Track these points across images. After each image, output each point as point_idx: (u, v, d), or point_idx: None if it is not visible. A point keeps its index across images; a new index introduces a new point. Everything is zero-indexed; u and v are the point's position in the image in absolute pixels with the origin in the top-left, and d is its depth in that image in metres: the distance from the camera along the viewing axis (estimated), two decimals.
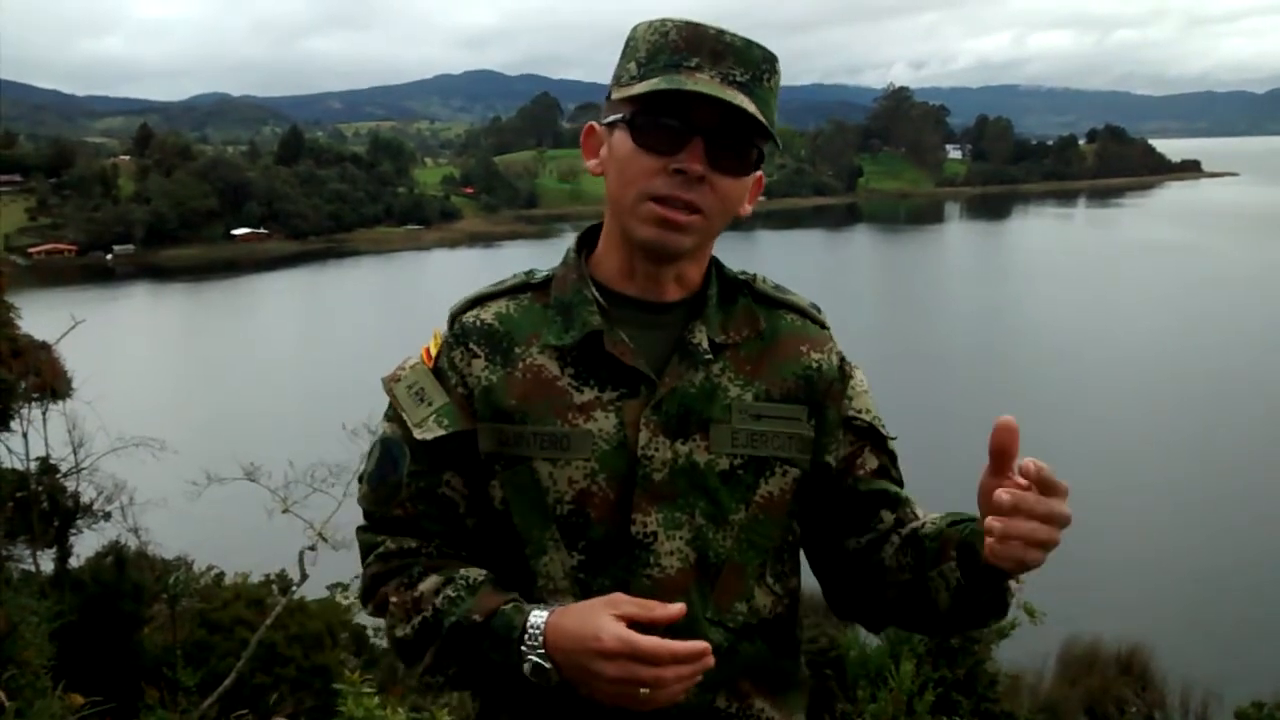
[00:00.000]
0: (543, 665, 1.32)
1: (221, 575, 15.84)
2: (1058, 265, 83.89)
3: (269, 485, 12.38)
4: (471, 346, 1.49)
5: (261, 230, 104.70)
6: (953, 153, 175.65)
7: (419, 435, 1.46)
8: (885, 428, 1.58)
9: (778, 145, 1.45)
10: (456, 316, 1.53)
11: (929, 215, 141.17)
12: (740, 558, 1.46)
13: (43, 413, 12.62)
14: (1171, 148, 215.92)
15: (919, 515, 1.53)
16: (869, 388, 1.59)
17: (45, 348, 12.71)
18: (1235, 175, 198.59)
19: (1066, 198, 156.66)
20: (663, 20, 1.42)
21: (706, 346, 1.46)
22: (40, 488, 12.89)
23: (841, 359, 1.57)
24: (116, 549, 13.04)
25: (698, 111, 1.37)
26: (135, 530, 13.68)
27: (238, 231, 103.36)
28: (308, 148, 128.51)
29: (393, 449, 1.49)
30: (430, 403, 1.48)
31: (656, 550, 1.41)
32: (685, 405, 1.44)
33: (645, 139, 1.39)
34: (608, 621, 1.29)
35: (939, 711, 4.93)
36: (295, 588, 12.68)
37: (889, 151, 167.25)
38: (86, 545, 13.53)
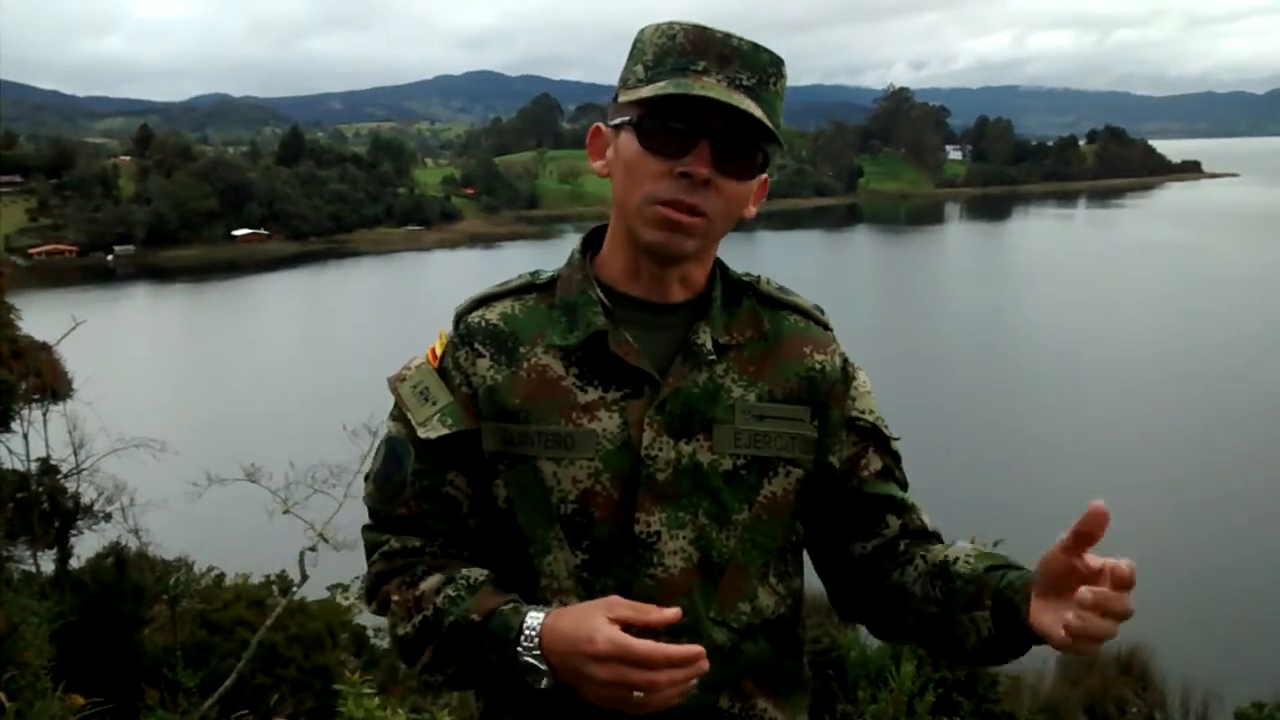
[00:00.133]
0: (538, 667, 1.32)
1: (222, 576, 15.87)
2: (1058, 266, 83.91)
3: (269, 486, 12.37)
4: (476, 346, 1.49)
5: (262, 231, 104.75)
6: (953, 153, 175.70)
7: (423, 434, 1.47)
8: (889, 429, 1.58)
9: (783, 148, 1.46)
10: (462, 317, 1.54)
11: (929, 216, 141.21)
12: (743, 558, 1.46)
13: (43, 414, 12.62)
14: (1172, 148, 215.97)
15: (925, 523, 1.54)
16: (872, 389, 1.60)
17: (46, 349, 12.72)
18: (1235, 176, 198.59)
19: (1067, 198, 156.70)
20: (670, 23, 1.42)
21: (710, 347, 1.47)
22: (41, 488, 12.89)
23: (845, 360, 1.57)
24: (117, 550, 13.04)
25: (704, 115, 1.38)
26: (136, 531, 13.67)
27: (238, 232, 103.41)
28: (308, 148, 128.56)
29: (397, 448, 1.50)
30: (434, 402, 1.48)
31: (660, 550, 1.42)
32: (689, 405, 1.44)
33: (652, 142, 1.40)
34: (602, 624, 1.28)
35: (940, 712, 4.93)
36: (296, 588, 12.68)
37: (889, 152, 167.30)
38: (87, 546, 13.53)
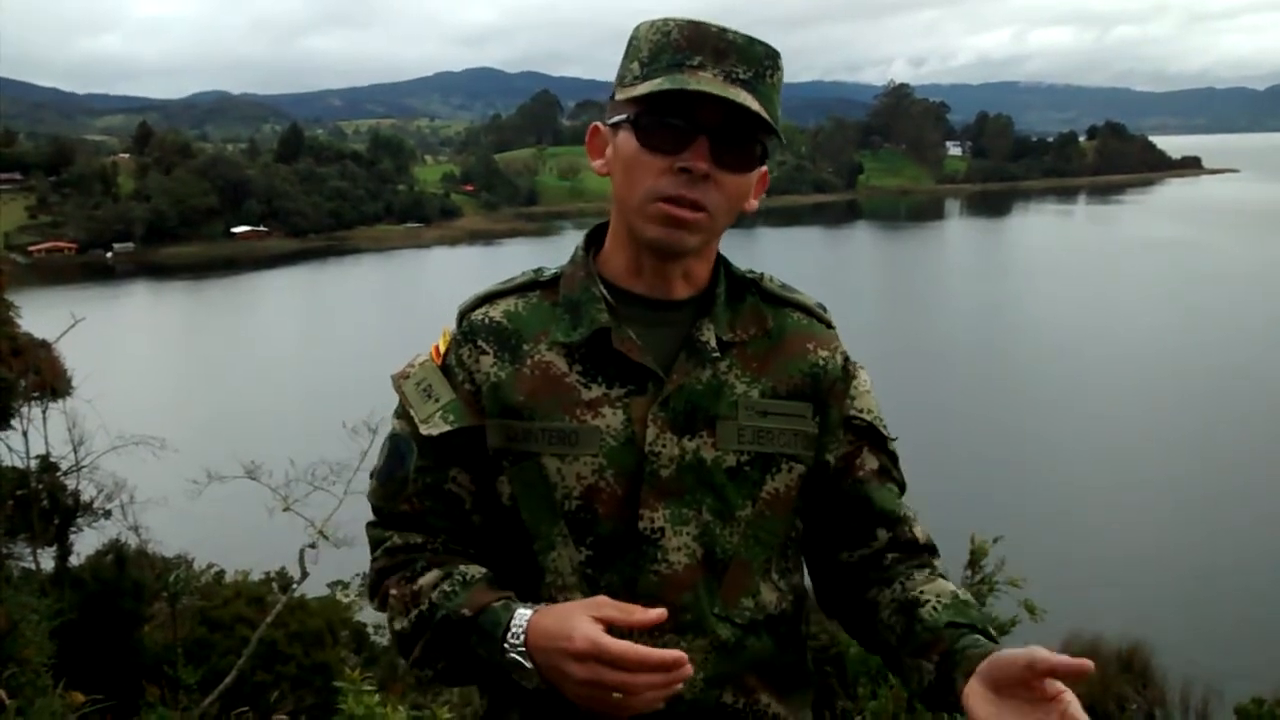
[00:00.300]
0: (523, 664, 1.32)
1: (222, 573, 15.88)
2: (1058, 262, 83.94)
3: (269, 483, 12.36)
4: (480, 344, 1.50)
5: (261, 228, 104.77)
6: (953, 149, 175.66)
7: (425, 431, 1.47)
8: (887, 428, 1.58)
9: (781, 141, 1.46)
10: (465, 314, 1.54)
11: (929, 212, 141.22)
12: (747, 554, 1.46)
13: (43, 411, 12.64)
14: (1172, 144, 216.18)
15: (917, 535, 1.54)
16: (872, 388, 1.60)
17: (45, 346, 12.74)
18: (1235, 171, 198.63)
19: (1067, 194, 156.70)
20: (665, 19, 1.42)
21: (714, 344, 1.47)
22: (40, 486, 12.90)
23: (846, 358, 1.58)
24: (117, 547, 13.05)
25: (701, 110, 1.38)
26: (135, 528, 13.69)
27: (238, 229, 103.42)
28: (308, 145, 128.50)
29: (400, 445, 1.51)
30: (437, 399, 1.49)
31: (664, 546, 1.42)
32: (692, 402, 1.45)
33: (650, 139, 1.40)
34: (582, 622, 1.28)
35: (940, 709, 4.93)
36: (296, 586, 12.68)
37: (889, 148, 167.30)
38: (87, 543, 13.54)
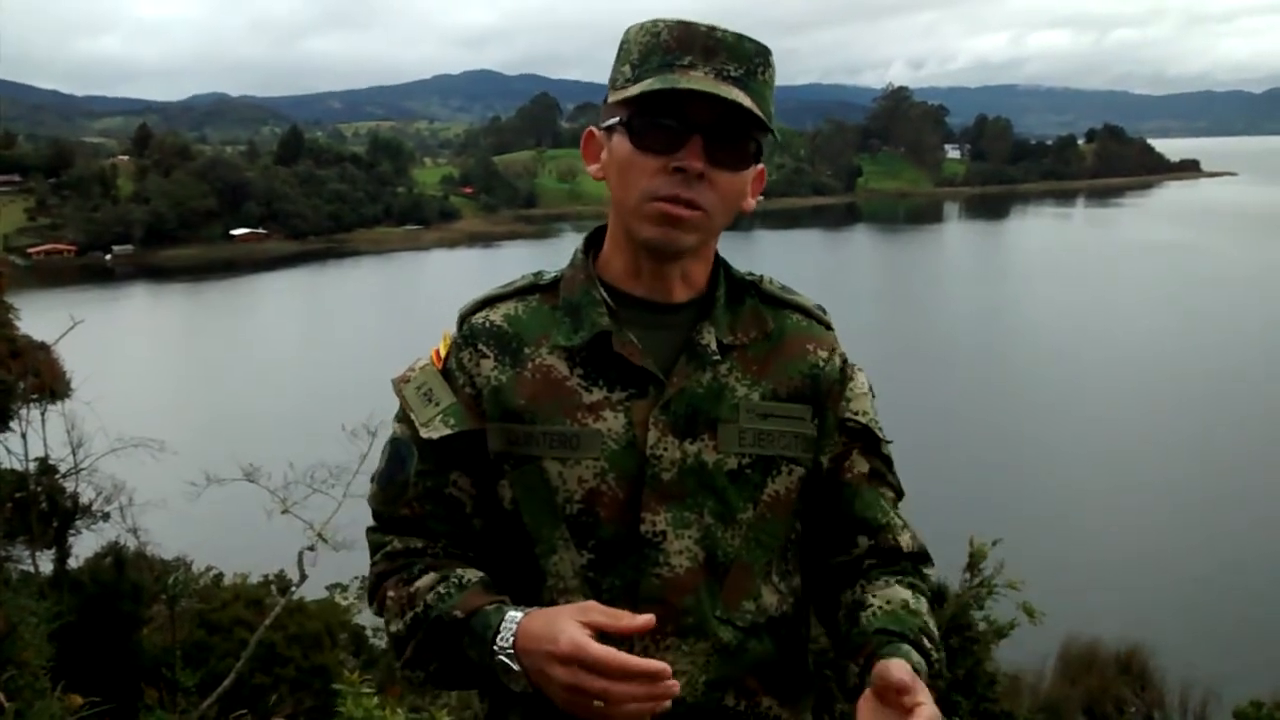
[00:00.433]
0: (511, 667, 1.32)
1: (221, 576, 15.84)
2: (1057, 265, 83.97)
3: (268, 486, 12.33)
4: (480, 347, 1.50)
5: (260, 230, 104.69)
6: (951, 152, 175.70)
7: (425, 435, 1.47)
8: (882, 431, 1.58)
9: (776, 138, 1.46)
10: (465, 318, 1.54)
11: (928, 215, 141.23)
12: (748, 556, 1.47)
13: (41, 413, 12.60)
14: (1170, 147, 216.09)
15: (902, 543, 1.53)
16: (869, 390, 1.60)
17: (44, 348, 12.71)
18: (1234, 175, 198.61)
19: (1065, 197, 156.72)
20: (654, 21, 1.43)
21: (714, 347, 1.47)
22: (39, 488, 12.88)
23: (844, 360, 1.58)
24: (115, 549, 13.01)
25: (694, 109, 1.38)
26: (134, 531, 13.64)
27: (237, 231, 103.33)
28: (307, 148, 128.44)
29: (401, 449, 1.51)
30: (437, 403, 1.49)
31: (665, 549, 1.42)
32: (693, 405, 1.45)
33: (643, 140, 1.40)
34: (569, 626, 1.28)
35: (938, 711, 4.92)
36: (294, 588, 12.65)
37: (888, 151, 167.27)
38: (85, 546, 13.50)
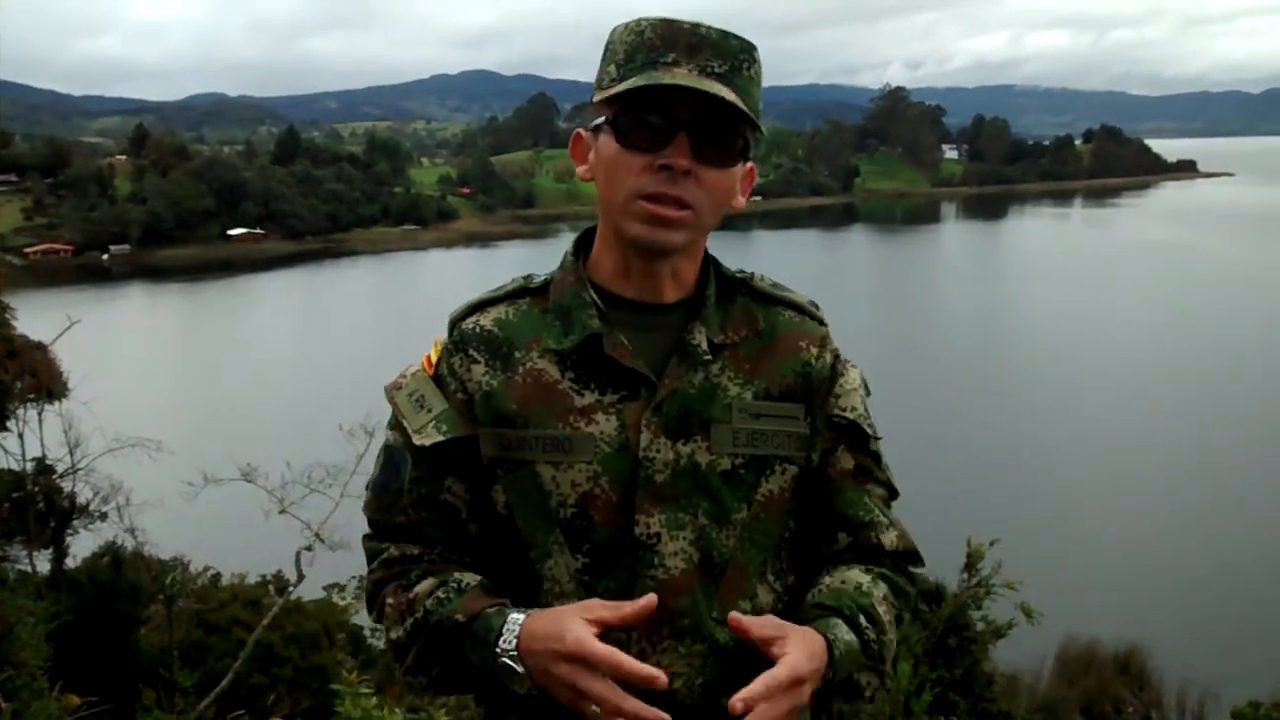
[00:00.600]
0: (514, 669, 1.33)
1: (218, 576, 15.83)
2: (1054, 265, 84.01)
3: (266, 486, 12.35)
4: (471, 353, 1.49)
5: (258, 230, 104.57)
6: (949, 153, 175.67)
7: (418, 441, 1.47)
8: (872, 428, 1.57)
9: (762, 134, 1.45)
10: (456, 323, 1.54)
11: (925, 215, 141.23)
12: (743, 557, 1.46)
13: (39, 413, 12.60)
14: (1167, 148, 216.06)
15: (883, 541, 1.53)
16: (860, 386, 1.59)
17: (41, 348, 12.71)
18: (1231, 175, 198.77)
19: (1063, 198, 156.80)
20: (638, 20, 1.42)
21: (705, 347, 1.47)
22: (36, 488, 12.88)
23: (836, 356, 1.57)
24: (113, 549, 13.02)
25: (679, 106, 1.37)
26: (132, 531, 13.64)
27: (234, 231, 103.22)
28: (304, 148, 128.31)
29: (395, 456, 1.51)
30: (430, 409, 1.48)
31: (660, 551, 1.42)
32: (686, 406, 1.44)
33: (629, 138, 1.40)
34: (575, 624, 1.29)
35: (936, 711, 4.93)
36: (292, 588, 12.65)
37: (885, 151, 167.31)
38: (83, 546, 13.51)
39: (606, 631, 1.32)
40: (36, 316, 14.97)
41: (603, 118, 1.43)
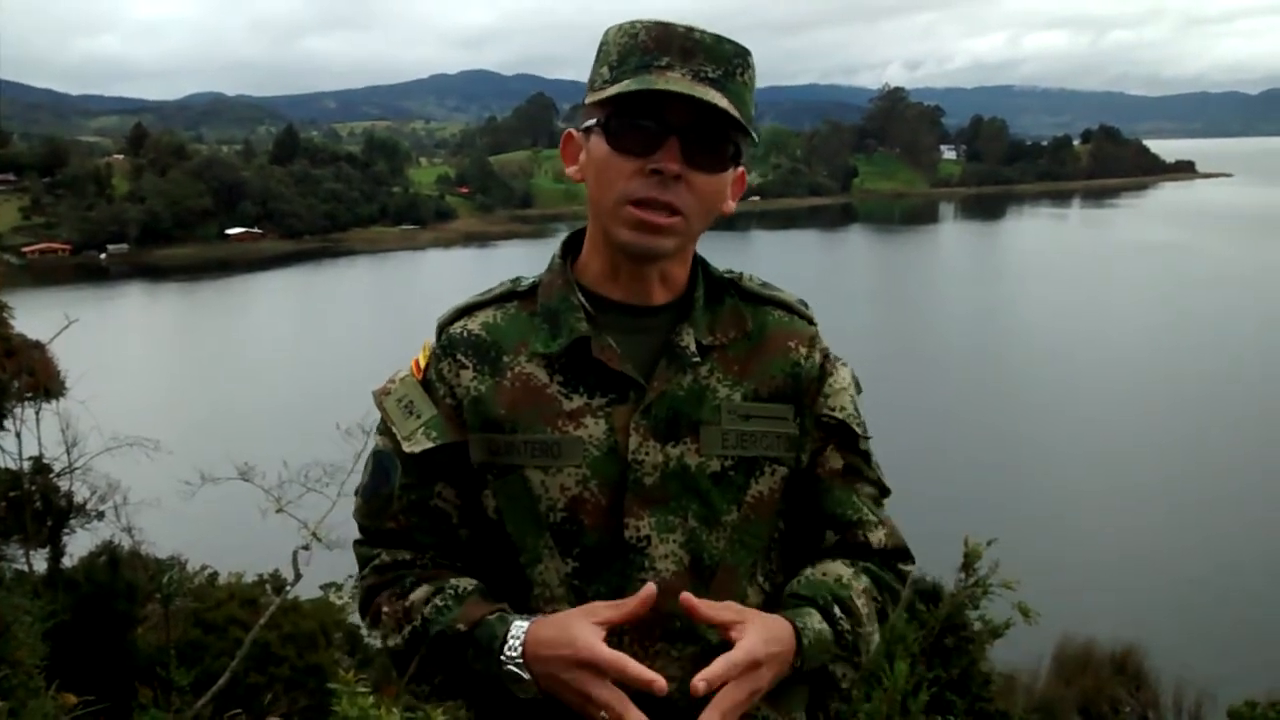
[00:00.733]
0: (521, 676, 1.33)
1: (215, 575, 15.80)
2: (1052, 265, 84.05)
3: (263, 485, 12.31)
4: (459, 357, 1.49)
5: (256, 230, 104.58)
6: (947, 153, 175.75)
7: (408, 448, 1.46)
8: (861, 427, 1.57)
9: (754, 140, 1.44)
10: (444, 328, 1.53)
11: (924, 215, 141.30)
12: (733, 559, 1.46)
13: (36, 412, 12.59)
14: (1166, 148, 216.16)
15: (871, 540, 1.54)
16: (850, 384, 1.58)
17: (39, 347, 12.71)
18: (1229, 176, 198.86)
19: (1061, 198, 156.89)
20: (632, 22, 1.41)
21: (694, 349, 1.46)
22: (34, 487, 12.87)
23: (825, 356, 1.57)
24: (110, 548, 13.00)
25: (671, 111, 1.37)
26: (129, 530, 13.63)
27: (232, 231, 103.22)
28: (303, 147, 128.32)
29: (384, 462, 1.50)
30: (419, 415, 1.48)
31: (651, 554, 1.42)
32: (674, 408, 1.44)
33: (620, 142, 1.39)
34: (582, 630, 1.30)
35: (934, 711, 4.93)
36: (289, 587, 12.62)
37: (884, 152, 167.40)
38: (80, 545, 13.49)
39: (608, 634, 1.32)
40: (34, 315, 14.96)
41: (594, 120, 1.42)
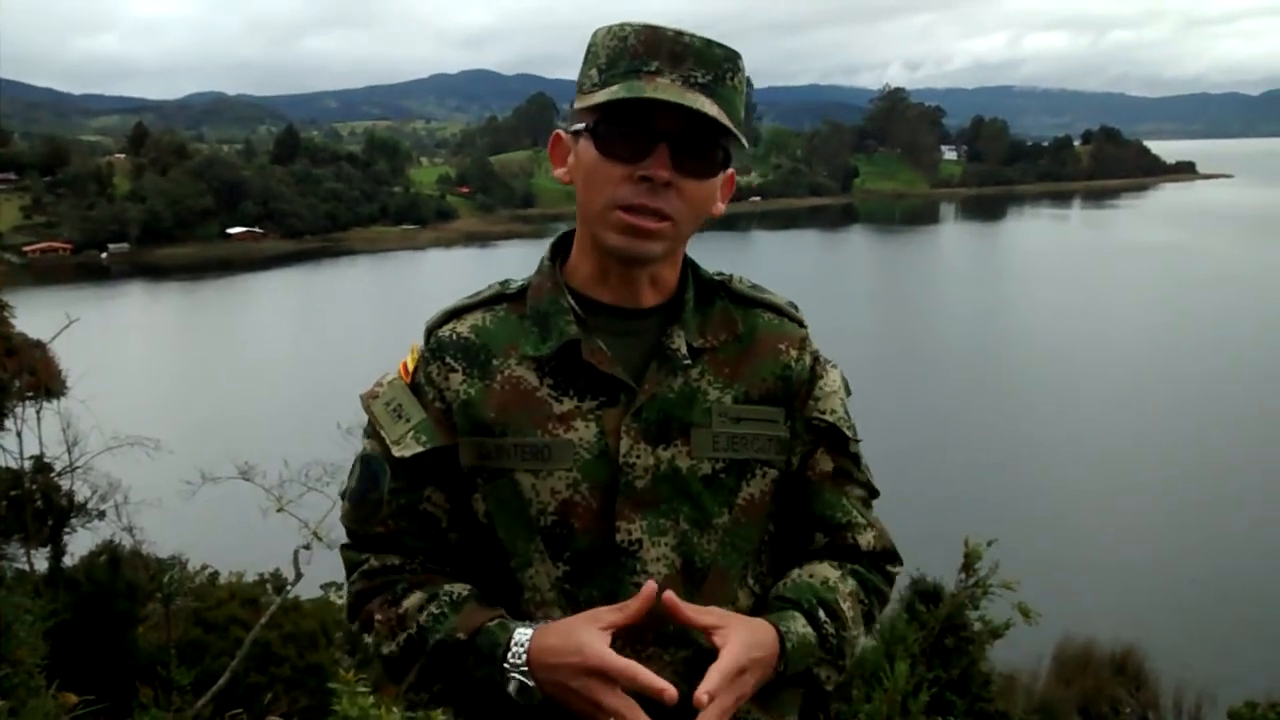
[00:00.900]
0: (525, 683, 1.33)
1: (216, 574, 15.80)
2: (1053, 266, 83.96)
3: (263, 484, 12.33)
4: (449, 361, 1.48)
5: (257, 229, 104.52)
6: (948, 153, 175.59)
7: (397, 453, 1.45)
8: (851, 430, 1.57)
9: (743, 145, 1.44)
10: (432, 331, 1.52)
11: (924, 216, 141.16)
12: (724, 561, 1.46)
13: (37, 411, 12.60)
14: (1166, 149, 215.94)
15: (860, 542, 1.54)
16: (840, 387, 1.58)
17: (40, 346, 12.71)
18: (1230, 177, 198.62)
19: (1061, 199, 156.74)
20: (621, 25, 1.40)
21: (685, 351, 1.46)
22: (34, 486, 12.88)
23: (815, 358, 1.57)
24: (111, 548, 13.01)
25: (661, 116, 1.36)
26: (129, 529, 13.64)
27: (233, 230, 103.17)
28: (303, 147, 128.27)
29: (373, 466, 1.49)
30: (408, 419, 1.47)
31: (642, 558, 1.41)
32: (665, 411, 1.43)
33: (609, 147, 1.39)
34: (589, 637, 1.30)
35: (934, 711, 4.93)
36: (289, 587, 12.64)
37: (884, 152, 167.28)
38: (81, 544, 13.50)
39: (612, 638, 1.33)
40: (35, 314, 14.98)
41: (583, 124, 1.42)
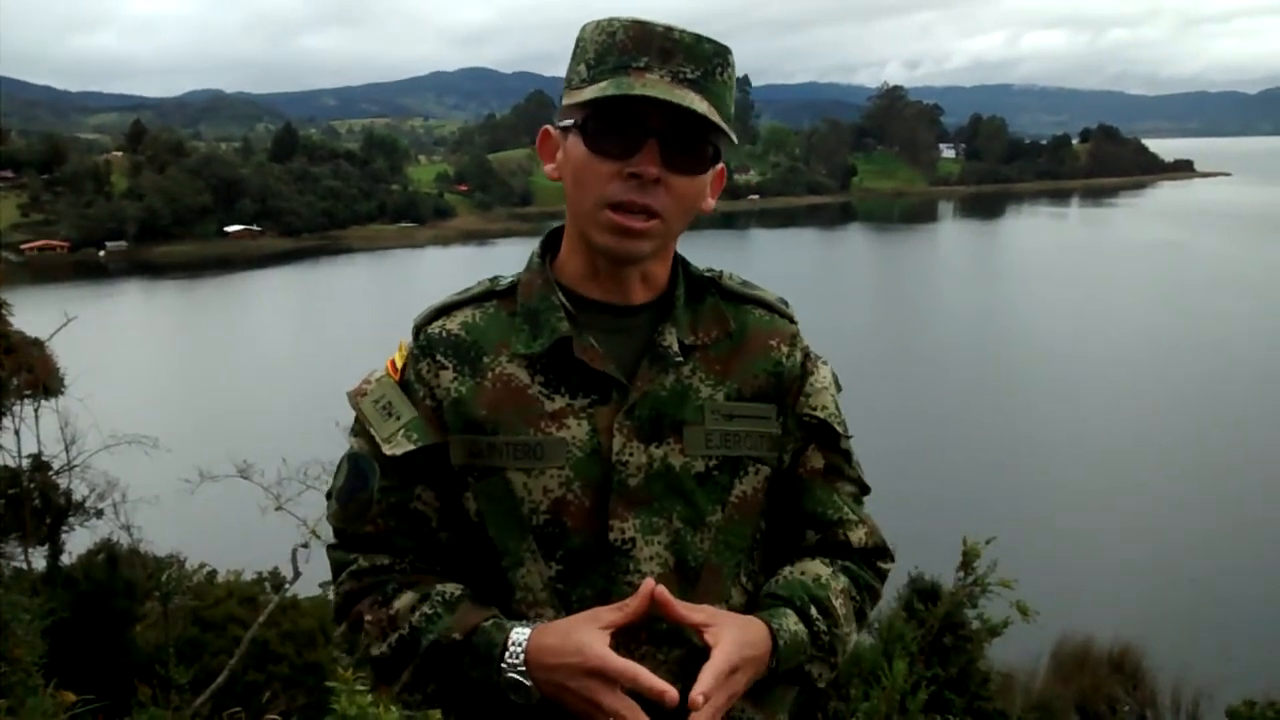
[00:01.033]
0: (522, 683, 1.32)
1: (214, 573, 15.79)
2: (1051, 265, 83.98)
3: (262, 483, 12.32)
4: (438, 358, 1.46)
5: (254, 227, 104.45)
6: (946, 152, 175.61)
7: (388, 451, 1.43)
8: (842, 426, 1.56)
9: (733, 140, 1.43)
10: (421, 328, 1.50)
11: (923, 214, 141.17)
12: (718, 559, 1.45)
13: (35, 410, 12.62)
14: (1164, 147, 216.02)
15: (851, 539, 1.53)
16: (831, 383, 1.57)
17: (38, 344, 12.72)
18: (1227, 175, 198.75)
19: (1060, 197, 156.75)
20: (610, 20, 1.39)
21: (676, 348, 1.45)
22: (32, 485, 12.88)
23: (806, 355, 1.56)
24: (109, 546, 13.02)
25: (650, 113, 1.35)
26: (127, 527, 13.65)
27: (231, 228, 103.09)
28: (301, 144, 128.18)
29: (361, 464, 1.47)
30: (398, 417, 1.45)
31: (635, 556, 1.40)
32: (658, 408, 1.43)
33: (598, 144, 1.38)
34: (589, 637, 1.29)
35: (932, 710, 4.93)
36: (288, 585, 12.63)
37: (883, 150, 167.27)
38: (79, 542, 13.52)
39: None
40: (33, 313, 14.98)
41: (572, 120, 1.41)
